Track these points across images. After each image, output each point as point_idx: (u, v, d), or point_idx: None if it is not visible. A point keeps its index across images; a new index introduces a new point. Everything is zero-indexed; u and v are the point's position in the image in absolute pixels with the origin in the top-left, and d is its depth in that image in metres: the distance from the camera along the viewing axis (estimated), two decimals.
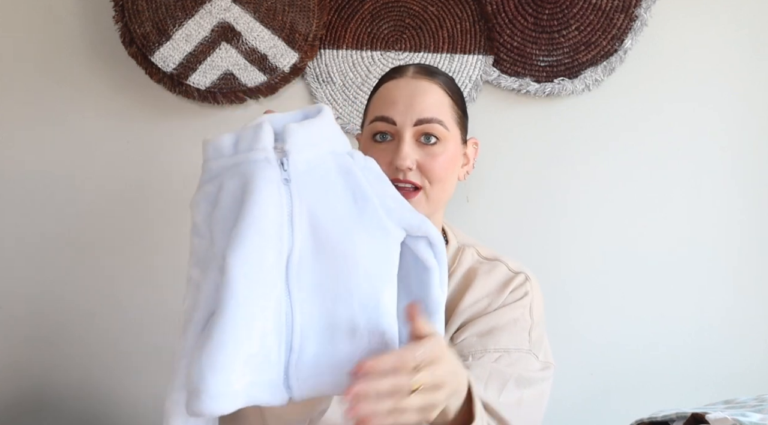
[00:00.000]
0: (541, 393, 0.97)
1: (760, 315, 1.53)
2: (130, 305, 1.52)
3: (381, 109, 0.95)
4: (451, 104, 0.97)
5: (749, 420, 0.81)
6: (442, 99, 0.96)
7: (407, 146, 0.92)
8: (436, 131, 0.93)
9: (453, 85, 1.00)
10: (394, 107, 0.94)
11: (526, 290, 1.01)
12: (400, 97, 0.94)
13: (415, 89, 0.95)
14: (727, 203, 1.52)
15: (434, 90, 0.95)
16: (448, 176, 0.96)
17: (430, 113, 0.93)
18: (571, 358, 1.52)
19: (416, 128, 0.93)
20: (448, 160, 0.95)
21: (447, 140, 0.95)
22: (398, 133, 0.94)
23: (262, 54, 1.43)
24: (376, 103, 0.98)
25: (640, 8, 1.43)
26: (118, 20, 1.43)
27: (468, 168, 1.04)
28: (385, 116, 0.94)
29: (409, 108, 0.93)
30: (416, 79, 0.96)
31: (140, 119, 1.50)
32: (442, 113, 0.95)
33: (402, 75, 0.97)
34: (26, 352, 1.54)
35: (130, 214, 1.52)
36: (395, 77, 0.97)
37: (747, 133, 1.51)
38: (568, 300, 1.52)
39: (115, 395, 1.54)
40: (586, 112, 1.49)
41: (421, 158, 0.93)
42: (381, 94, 0.98)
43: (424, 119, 0.93)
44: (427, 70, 0.98)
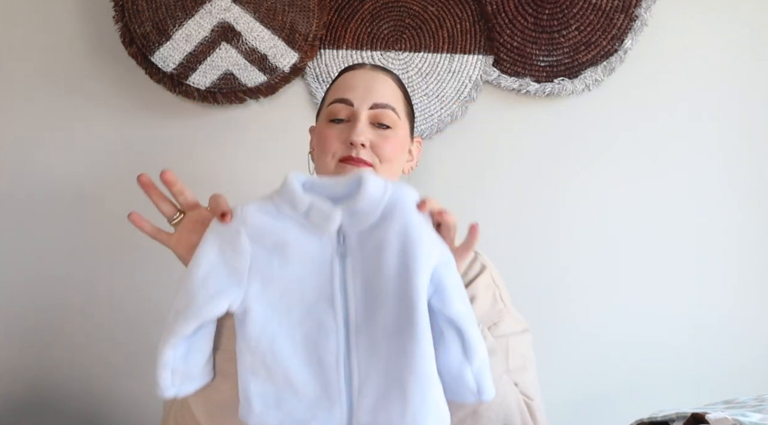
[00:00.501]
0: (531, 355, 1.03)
1: (760, 315, 1.53)
2: (130, 306, 1.52)
3: (339, 93, 1.02)
4: (403, 99, 1.05)
5: (749, 420, 0.81)
6: (396, 91, 1.04)
7: (362, 124, 0.98)
8: (389, 117, 1.00)
9: (404, 85, 1.08)
10: (352, 90, 1.01)
11: (482, 264, 1.06)
12: (359, 83, 1.01)
13: (373, 78, 1.03)
14: (728, 202, 1.52)
15: (390, 82, 1.04)
16: (396, 158, 1.02)
17: (386, 99, 1.01)
18: (572, 358, 1.52)
19: (372, 112, 1.00)
20: (398, 144, 1.01)
21: (398, 127, 1.02)
22: (354, 114, 1.00)
23: (262, 54, 1.43)
24: (334, 90, 1.04)
25: (640, 8, 1.43)
26: (118, 20, 1.43)
27: (413, 164, 1.10)
28: (343, 98, 1.01)
29: (366, 92, 1.00)
30: (374, 71, 1.04)
31: (140, 118, 1.50)
32: (395, 101, 1.02)
33: (360, 67, 1.06)
34: (26, 352, 1.54)
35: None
36: (354, 69, 1.06)
37: (747, 133, 1.51)
38: (567, 300, 1.52)
39: (115, 395, 1.54)
40: (586, 112, 1.49)
41: (374, 138, 0.99)
42: (339, 83, 1.05)
43: (380, 104, 1.00)
44: (383, 67, 1.08)
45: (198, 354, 0.80)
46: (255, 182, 1.50)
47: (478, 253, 1.09)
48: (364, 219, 0.75)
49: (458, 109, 1.48)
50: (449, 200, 1.53)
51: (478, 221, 1.51)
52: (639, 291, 1.52)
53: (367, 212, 0.75)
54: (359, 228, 0.75)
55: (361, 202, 0.75)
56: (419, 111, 1.47)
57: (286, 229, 0.76)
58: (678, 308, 1.52)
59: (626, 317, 1.52)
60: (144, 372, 1.51)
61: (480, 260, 1.07)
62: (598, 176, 1.51)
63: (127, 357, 1.52)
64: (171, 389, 0.78)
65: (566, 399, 1.50)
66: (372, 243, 0.75)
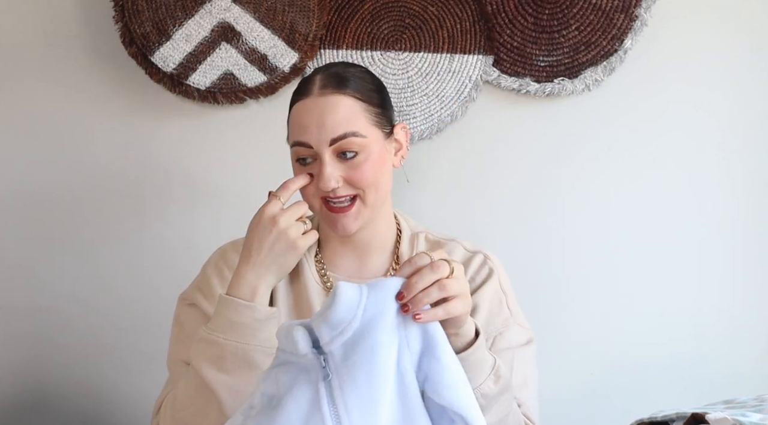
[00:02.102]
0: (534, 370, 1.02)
1: (760, 315, 1.53)
2: (130, 306, 1.52)
3: (296, 134, 0.97)
4: (364, 109, 0.97)
5: (749, 420, 0.81)
6: (353, 108, 0.96)
7: (329, 167, 0.94)
8: (353, 144, 0.95)
9: (363, 83, 0.99)
10: (306, 131, 0.95)
11: (490, 268, 1.04)
12: (311, 121, 0.95)
13: (323, 108, 0.95)
14: (727, 202, 1.52)
15: (342, 102, 0.95)
16: (377, 178, 0.97)
17: (342, 129, 0.94)
18: (571, 358, 1.52)
19: (332, 147, 0.95)
20: (373, 164, 0.96)
21: (366, 146, 0.96)
22: (317, 154, 0.96)
23: (262, 54, 1.43)
24: (292, 126, 0.99)
25: (640, 8, 1.43)
26: (118, 20, 1.43)
27: (402, 153, 1.04)
28: (301, 141, 0.96)
29: (320, 129, 0.94)
30: (322, 96, 0.96)
31: (140, 119, 1.50)
32: (355, 123, 0.95)
33: (308, 94, 0.97)
34: (26, 352, 1.54)
35: (130, 214, 1.52)
36: (302, 97, 0.98)
37: (747, 133, 1.51)
38: (568, 300, 1.52)
39: (115, 395, 1.54)
40: (586, 112, 1.49)
41: (345, 172, 0.95)
42: (293, 116, 0.99)
43: (337, 137, 0.94)
44: (334, 79, 0.97)
45: None
46: (254, 182, 1.50)
47: (487, 256, 1.07)
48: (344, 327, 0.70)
49: (458, 109, 1.48)
50: (449, 201, 1.54)
51: (478, 222, 1.51)
52: (639, 291, 1.52)
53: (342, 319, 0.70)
54: (343, 338, 0.70)
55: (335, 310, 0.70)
56: (419, 111, 1.47)
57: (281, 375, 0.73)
58: (678, 308, 1.52)
59: (626, 317, 1.52)
60: (144, 371, 1.51)
61: (489, 265, 1.05)
62: (598, 176, 1.51)
63: (128, 357, 1.52)
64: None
65: (566, 399, 1.50)
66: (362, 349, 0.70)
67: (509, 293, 1.05)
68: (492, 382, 0.83)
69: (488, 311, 1.01)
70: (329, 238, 1.05)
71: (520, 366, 0.98)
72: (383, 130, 1.00)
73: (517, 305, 1.06)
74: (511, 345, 0.99)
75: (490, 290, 1.02)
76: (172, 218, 1.51)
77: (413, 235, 1.08)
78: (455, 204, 1.52)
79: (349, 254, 1.05)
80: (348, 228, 0.97)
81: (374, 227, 1.03)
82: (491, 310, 1.01)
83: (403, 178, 1.11)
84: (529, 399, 0.98)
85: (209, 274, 1.05)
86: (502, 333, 1.00)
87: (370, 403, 0.68)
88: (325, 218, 0.99)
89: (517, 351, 0.99)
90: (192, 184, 1.52)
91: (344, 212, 0.96)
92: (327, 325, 0.70)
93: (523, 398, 0.96)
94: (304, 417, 0.69)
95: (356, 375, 0.69)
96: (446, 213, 1.50)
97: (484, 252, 1.07)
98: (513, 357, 0.98)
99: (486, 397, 0.83)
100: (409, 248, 1.06)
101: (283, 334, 0.73)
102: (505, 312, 1.02)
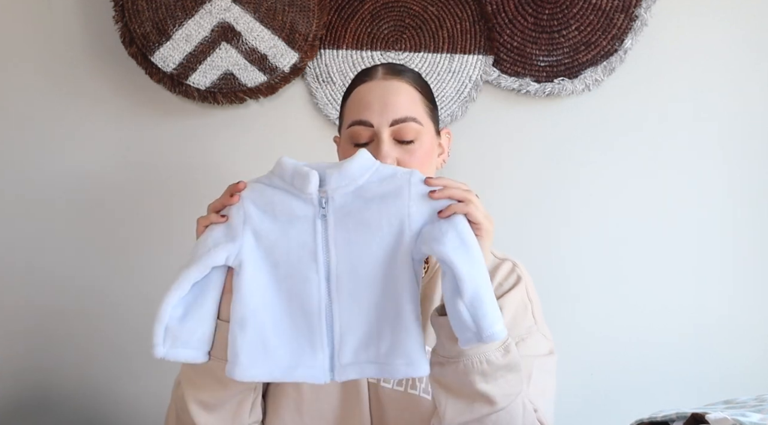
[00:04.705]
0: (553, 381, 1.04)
1: (760, 315, 1.53)
2: (130, 305, 1.52)
3: (357, 113, 0.99)
4: (422, 99, 1.01)
5: (749, 420, 0.81)
6: (413, 96, 1.00)
7: (386, 146, 0.97)
8: (411, 131, 0.98)
9: (421, 81, 1.04)
10: (369, 109, 0.98)
11: (518, 275, 1.05)
12: (374, 100, 0.98)
13: (387, 90, 0.99)
14: (728, 202, 1.52)
15: (404, 88, 1.00)
16: (425, 170, 0.99)
17: (404, 112, 0.98)
18: (572, 358, 1.52)
19: (392, 128, 0.97)
20: (424, 154, 0.99)
21: (422, 135, 0.99)
22: (376, 134, 0.98)
23: (262, 54, 1.43)
24: (351, 108, 1.01)
25: (640, 8, 1.43)
26: (118, 20, 1.43)
27: (444, 157, 1.08)
28: (362, 120, 0.98)
29: (384, 109, 0.97)
30: (386, 80, 1.00)
31: (140, 119, 1.50)
32: (414, 110, 0.99)
33: (372, 77, 1.01)
34: (26, 352, 1.54)
35: (130, 214, 1.52)
36: (366, 80, 1.02)
37: (747, 133, 1.51)
38: (568, 300, 1.52)
39: (115, 395, 1.54)
40: (586, 112, 1.49)
41: (400, 155, 0.98)
42: (354, 98, 1.02)
43: (399, 119, 0.97)
44: (395, 69, 1.03)
45: (194, 322, 0.84)
46: None
47: (516, 264, 1.07)
48: (351, 180, 0.83)
49: (458, 109, 1.48)
50: None
51: None
52: (639, 291, 1.52)
53: (354, 174, 0.83)
54: (346, 189, 0.83)
55: (351, 165, 0.83)
56: None
57: (275, 193, 0.85)
58: (678, 307, 1.52)
59: (626, 316, 1.52)
60: (144, 372, 1.51)
61: (517, 272, 1.05)
62: (598, 175, 1.51)
63: (128, 357, 1.52)
64: (161, 347, 0.81)
65: (566, 399, 1.50)
66: (358, 203, 0.83)
67: (536, 302, 1.05)
68: (500, 354, 0.85)
69: (513, 316, 1.00)
70: None
71: (540, 375, 0.98)
72: (435, 126, 1.04)
73: (542, 316, 1.05)
74: (531, 352, 0.98)
75: (517, 296, 1.02)
76: (172, 218, 1.51)
77: None
78: None
79: None
80: None
81: None
82: (516, 316, 1.00)
83: None
84: (546, 406, 0.98)
85: None
86: (524, 340, 0.99)
87: (356, 245, 0.82)
88: None
89: (537, 361, 0.99)
90: (191, 183, 1.52)
91: None
92: (339, 175, 0.83)
93: (540, 405, 0.95)
94: (300, 242, 0.83)
95: (348, 220, 0.83)
96: None
97: (513, 260, 1.08)
98: (533, 365, 0.97)
99: (491, 364, 0.84)
100: None
101: (292, 169, 0.84)
102: (530, 320, 1.02)
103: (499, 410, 0.85)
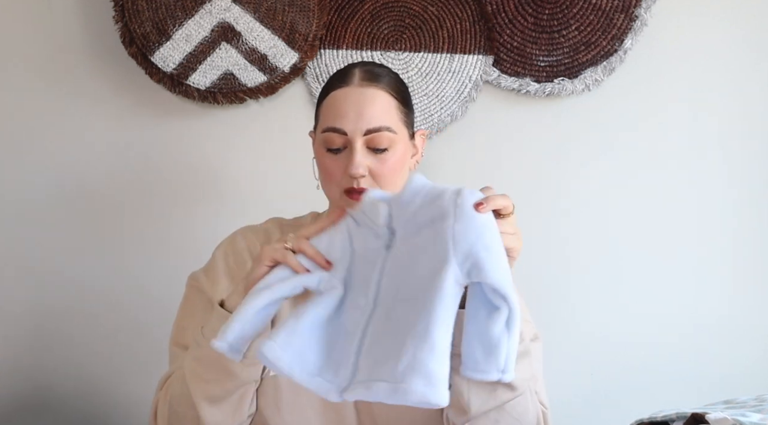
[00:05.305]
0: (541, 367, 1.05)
1: (759, 315, 1.53)
2: (131, 305, 1.52)
3: (332, 120, 1.00)
4: (397, 106, 1.02)
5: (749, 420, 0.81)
6: (389, 104, 1.01)
7: (359, 155, 0.98)
8: (385, 139, 0.99)
9: (397, 85, 1.04)
10: (344, 118, 0.99)
11: None
12: (350, 108, 0.99)
13: (363, 98, 0.99)
14: (727, 202, 1.52)
15: (380, 96, 1.00)
16: (396, 178, 1.01)
17: (379, 122, 0.98)
18: (572, 358, 1.52)
19: (366, 137, 0.98)
20: (397, 162, 1.00)
21: (396, 143, 1.00)
22: (350, 142, 0.99)
23: (262, 54, 1.43)
24: (327, 112, 1.02)
25: (640, 8, 1.43)
26: (118, 20, 1.43)
27: (417, 158, 1.09)
28: (336, 128, 0.99)
29: (358, 118, 0.98)
30: (362, 87, 1.00)
31: (140, 118, 1.50)
32: (389, 118, 1.00)
33: (348, 83, 1.01)
34: (26, 352, 1.54)
35: (130, 213, 1.52)
36: (342, 85, 1.01)
37: (746, 133, 1.51)
38: (568, 300, 1.52)
39: (115, 395, 1.54)
40: (586, 112, 1.49)
41: (372, 164, 0.99)
42: (330, 103, 1.02)
43: (373, 129, 0.98)
44: (372, 73, 1.02)
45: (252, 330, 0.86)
46: (255, 182, 1.51)
47: None
48: (406, 208, 0.84)
49: (458, 109, 1.48)
50: None
51: None
52: (639, 291, 1.52)
53: (407, 201, 0.84)
54: (404, 218, 0.84)
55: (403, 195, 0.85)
56: (419, 111, 1.47)
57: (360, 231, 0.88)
58: (678, 307, 1.52)
59: (626, 316, 1.52)
60: (145, 371, 1.51)
61: None
62: (598, 175, 1.51)
63: (128, 356, 1.52)
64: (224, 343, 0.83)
65: (566, 399, 1.50)
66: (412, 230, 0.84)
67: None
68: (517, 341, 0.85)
69: None
70: None
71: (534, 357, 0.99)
72: (409, 131, 1.05)
73: (523, 301, 1.07)
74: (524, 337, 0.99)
75: None
76: (172, 218, 1.51)
77: None
78: None
79: None
80: None
81: None
82: None
83: None
84: (542, 390, 1.00)
85: (217, 258, 1.08)
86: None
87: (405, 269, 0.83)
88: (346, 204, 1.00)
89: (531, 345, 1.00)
90: (192, 184, 1.52)
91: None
92: (398, 205, 0.85)
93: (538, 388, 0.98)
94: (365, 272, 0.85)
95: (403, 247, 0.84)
96: None
97: None
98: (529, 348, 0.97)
99: None
100: None
101: (369, 203, 0.87)
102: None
103: (518, 395, 0.87)
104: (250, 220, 1.16)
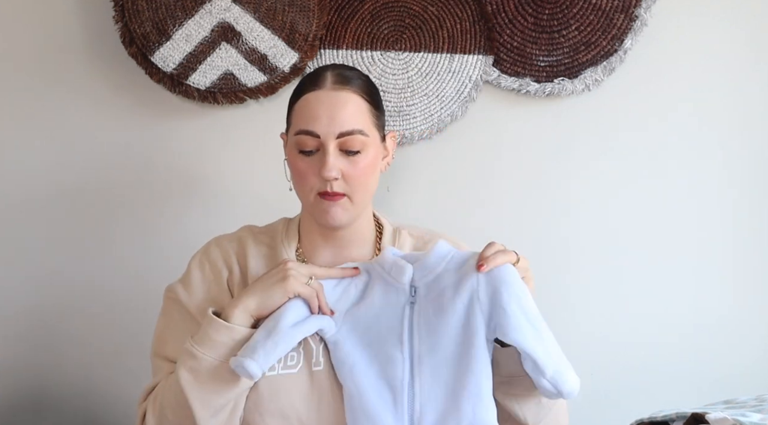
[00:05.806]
0: None
1: (759, 315, 1.53)
2: (130, 305, 1.52)
3: (305, 123, 1.01)
4: (369, 109, 1.03)
5: (749, 420, 0.81)
6: (361, 107, 1.02)
7: (332, 158, 0.99)
8: (357, 142, 1.00)
9: (368, 88, 1.05)
10: (317, 121, 0.99)
11: None
12: (322, 112, 1.00)
13: (336, 101, 1.00)
14: (728, 202, 1.52)
15: (352, 100, 1.01)
16: (368, 180, 1.03)
17: (351, 125, 1.00)
18: (572, 358, 1.51)
19: (339, 140, 0.99)
20: (368, 165, 1.02)
21: (368, 145, 1.01)
22: (323, 144, 1.00)
23: (262, 54, 1.43)
24: (299, 115, 1.02)
25: (640, 8, 1.43)
26: (118, 20, 1.43)
27: (388, 160, 1.10)
28: (309, 130, 1.00)
29: (331, 121, 0.99)
30: (335, 91, 1.01)
31: (140, 119, 1.50)
32: (361, 121, 1.01)
33: (321, 86, 1.01)
34: (25, 352, 1.54)
35: (130, 214, 1.52)
36: (314, 89, 1.02)
37: (747, 133, 1.51)
38: (567, 300, 1.52)
39: (115, 395, 1.54)
40: (586, 112, 1.49)
41: (345, 166, 1.00)
42: (303, 105, 1.02)
43: (346, 132, 0.99)
44: (344, 77, 1.03)
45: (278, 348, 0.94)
46: (255, 182, 1.51)
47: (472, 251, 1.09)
48: (430, 271, 0.96)
49: (458, 109, 1.48)
50: (449, 200, 1.54)
51: (478, 222, 1.51)
52: (639, 291, 1.52)
53: (432, 265, 0.96)
54: (427, 280, 0.96)
55: (429, 258, 0.97)
56: (419, 111, 1.47)
57: (375, 284, 0.99)
58: (678, 308, 1.52)
59: (626, 317, 1.52)
60: (144, 371, 1.51)
61: None
62: (598, 176, 1.51)
63: (128, 356, 1.52)
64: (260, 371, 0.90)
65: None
66: (436, 291, 0.95)
67: None
68: None
69: None
70: (311, 232, 1.08)
71: None
72: (380, 133, 1.06)
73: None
74: None
75: None
76: (171, 218, 1.51)
77: (395, 230, 1.12)
78: (455, 204, 1.52)
79: (329, 249, 1.08)
80: (338, 218, 1.01)
81: (355, 226, 1.07)
82: None
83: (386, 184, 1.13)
84: None
85: (192, 268, 1.09)
86: None
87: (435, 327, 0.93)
88: (316, 209, 1.02)
89: None
90: (191, 184, 1.52)
91: (336, 201, 1.01)
92: (422, 267, 0.97)
93: None
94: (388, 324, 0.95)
95: (429, 306, 0.95)
96: (445, 213, 1.50)
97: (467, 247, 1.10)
98: None
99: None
100: (391, 241, 1.10)
101: (392, 261, 0.98)
102: None
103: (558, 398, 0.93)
104: (250, 220, 1.16)
